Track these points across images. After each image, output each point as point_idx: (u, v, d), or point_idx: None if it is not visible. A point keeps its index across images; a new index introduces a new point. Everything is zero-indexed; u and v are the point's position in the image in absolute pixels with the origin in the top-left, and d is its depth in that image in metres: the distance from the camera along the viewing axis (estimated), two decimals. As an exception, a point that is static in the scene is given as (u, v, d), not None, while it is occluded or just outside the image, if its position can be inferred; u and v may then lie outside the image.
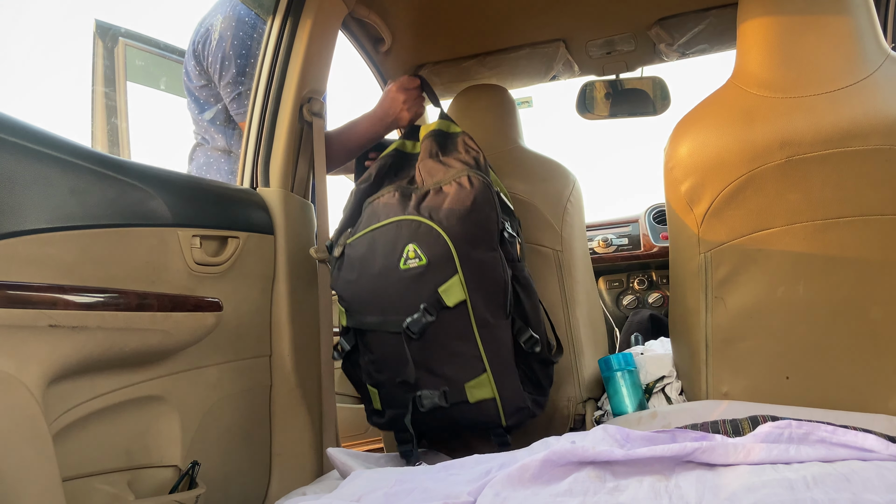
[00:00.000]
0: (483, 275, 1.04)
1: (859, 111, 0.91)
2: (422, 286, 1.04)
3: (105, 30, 1.87)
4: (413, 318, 1.04)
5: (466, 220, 1.03)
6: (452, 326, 1.04)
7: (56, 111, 2.91)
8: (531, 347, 1.08)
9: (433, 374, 1.07)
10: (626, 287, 2.37)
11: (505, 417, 1.06)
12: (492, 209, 1.05)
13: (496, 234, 1.05)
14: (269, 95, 1.30)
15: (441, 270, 1.03)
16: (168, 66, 2.06)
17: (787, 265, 0.98)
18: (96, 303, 0.85)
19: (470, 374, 1.05)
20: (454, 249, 1.02)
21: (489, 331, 1.05)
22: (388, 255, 1.07)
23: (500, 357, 1.06)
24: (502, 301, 1.05)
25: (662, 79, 1.98)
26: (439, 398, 1.06)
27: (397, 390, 1.11)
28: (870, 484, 0.64)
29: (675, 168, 1.04)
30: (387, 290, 1.08)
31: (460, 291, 1.03)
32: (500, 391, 1.05)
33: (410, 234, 1.06)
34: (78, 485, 0.89)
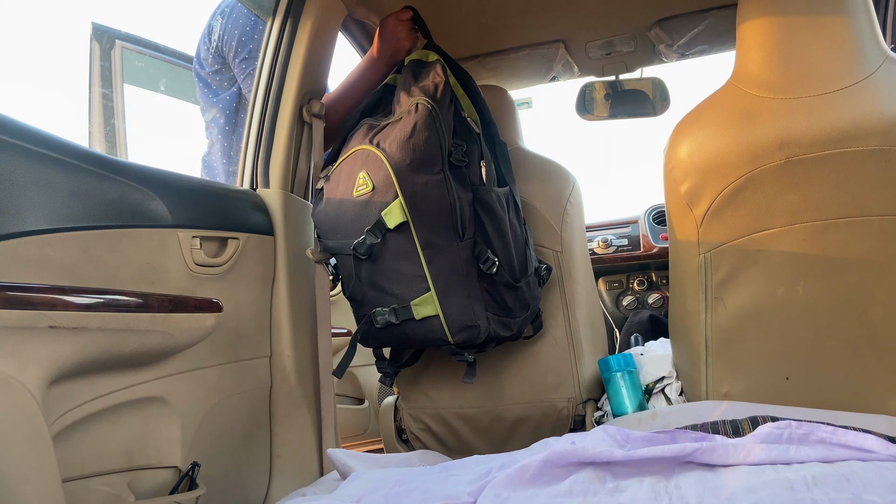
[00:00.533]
0: (425, 197, 1.07)
1: (858, 112, 0.91)
2: (369, 210, 1.10)
3: (101, 33, 1.88)
4: (359, 241, 1.11)
5: (405, 147, 1.07)
6: (398, 247, 1.10)
7: (54, 114, 2.91)
8: (488, 269, 1.12)
9: (384, 292, 1.13)
10: (625, 288, 2.37)
11: (451, 334, 1.11)
12: (432, 134, 1.07)
13: (439, 157, 1.08)
14: (269, 96, 1.31)
15: (384, 195, 1.08)
16: (165, 69, 2.06)
17: (787, 266, 0.98)
18: (96, 304, 0.85)
19: (415, 293, 1.11)
20: (394, 175, 1.07)
21: (435, 251, 1.09)
22: (345, 183, 1.15)
23: (446, 277, 1.10)
24: (449, 223, 1.09)
25: (662, 80, 1.98)
26: (390, 314, 1.12)
27: (360, 308, 1.19)
28: (870, 484, 0.64)
29: (675, 169, 1.04)
30: (344, 216, 1.15)
31: (400, 214, 1.08)
32: (444, 309, 1.10)
33: (362, 162, 1.12)
34: (78, 486, 0.89)
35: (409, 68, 1.21)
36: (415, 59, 1.22)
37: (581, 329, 1.34)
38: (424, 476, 0.82)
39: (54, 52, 3.26)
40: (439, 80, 1.13)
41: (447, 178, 1.08)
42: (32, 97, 2.88)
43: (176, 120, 2.14)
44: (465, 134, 1.16)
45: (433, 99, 1.10)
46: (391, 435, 1.45)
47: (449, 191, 1.08)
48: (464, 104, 1.20)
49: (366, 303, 1.16)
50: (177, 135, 2.20)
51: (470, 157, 1.13)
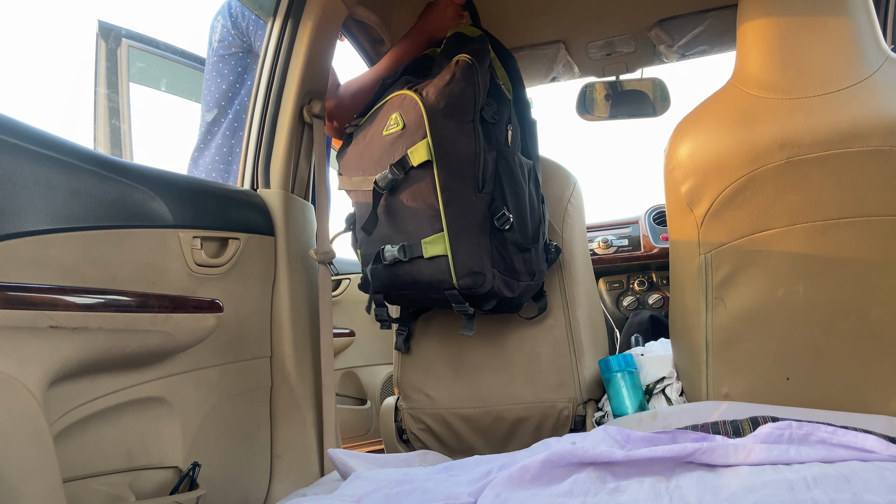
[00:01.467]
0: (452, 143, 1.10)
1: (859, 112, 0.91)
2: (396, 147, 1.13)
3: (108, 31, 1.87)
4: (382, 174, 1.13)
5: (442, 92, 1.10)
6: (419, 186, 1.12)
7: (59, 112, 2.92)
8: (502, 225, 1.13)
9: (397, 230, 1.16)
10: (626, 288, 2.37)
11: (456, 277, 1.11)
12: (469, 85, 1.11)
13: (472, 108, 1.11)
14: (270, 97, 1.31)
15: (413, 134, 1.11)
16: (171, 68, 2.06)
17: (788, 266, 0.98)
18: (97, 304, 0.85)
19: (428, 231, 1.12)
20: (426, 116, 1.09)
21: (453, 195, 1.11)
22: (378, 126, 1.18)
23: (461, 221, 1.11)
24: (470, 172, 1.11)
25: (662, 80, 1.98)
26: (399, 251, 1.14)
27: (369, 246, 1.20)
28: (870, 484, 0.64)
29: (675, 169, 1.04)
30: (370, 153, 1.17)
31: (426, 153, 1.09)
32: (454, 250, 1.11)
33: (398, 105, 1.16)
34: (79, 486, 0.89)
35: (453, 40, 1.26)
36: (459, 32, 1.27)
37: (582, 329, 1.34)
38: (425, 476, 0.82)
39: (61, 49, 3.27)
40: (480, 47, 1.19)
41: (476, 129, 1.12)
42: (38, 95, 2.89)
43: (181, 119, 2.14)
44: (497, 96, 1.20)
45: (474, 56, 1.14)
46: (391, 435, 1.45)
47: (476, 140, 1.11)
48: (500, 74, 1.25)
49: (377, 238, 1.18)
50: (182, 134, 2.20)
51: (499, 116, 1.17)
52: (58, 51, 3.26)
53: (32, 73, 2.98)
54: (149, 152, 2.03)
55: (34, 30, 2.93)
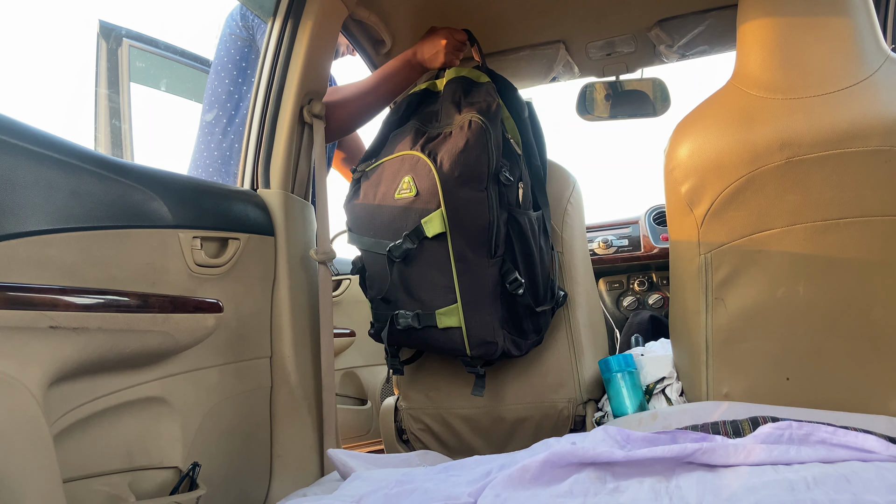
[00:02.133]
0: (467, 212, 1.10)
1: (859, 112, 0.91)
2: (408, 215, 1.13)
3: (108, 30, 1.87)
4: (396, 244, 1.13)
5: (457, 160, 1.09)
6: (432, 256, 1.12)
7: (59, 112, 2.92)
8: (515, 290, 1.14)
9: (411, 296, 1.16)
10: (626, 288, 2.37)
11: (469, 347, 1.13)
12: (483, 151, 1.10)
13: (485, 175, 1.10)
14: (270, 97, 1.31)
15: (427, 202, 1.11)
16: (173, 68, 2.06)
17: (788, 266, 0.98)
18: (97, 304, 0.85)
19: (442, 303, 1.13)
20: (440, 185, 1.09)
21: (467, 266, 1.11)
22: (388, 184, 1.17)
23: (474, 292, 1.12)
24: (484, 240, 1.11)
25: (662, 80, 1.98)
26: (413, 319, 1.16)
27: (382, 306, 1.23)
28: (870, 485, 0.64)
29: (675, 169, 1.04)
30: (381, 215, 1.18)
31: (440, 225, 1.09)
32: (468, 322, 1.12)
33: (410, 167, 1.14)
34: (79, 486, 0.89)
35: (458, 83, 1.24)
36: (465, 76, 1.25)
37: (581, 329, 1.34)
38: (425, 476, 0.82)
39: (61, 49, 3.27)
40: (491, 101, 1.17)
41: (489, 196, 1.11)
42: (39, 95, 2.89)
43: (183, 119, 2.14)
44: (508, 154, 1.19)
45: (485, 116, 1.12)
46: (391, 435, 1.45)
47: (490, 208, 1.10)
48: (508, 126, 1.24)
49: (391, 303, 1.19)
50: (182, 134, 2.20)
51: (513, 176, 1.16)
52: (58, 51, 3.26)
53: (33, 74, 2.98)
54: (150, 153, 2.03)
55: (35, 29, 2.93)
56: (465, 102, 1.19)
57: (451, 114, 1.19)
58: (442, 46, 1.36)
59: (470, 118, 1.12)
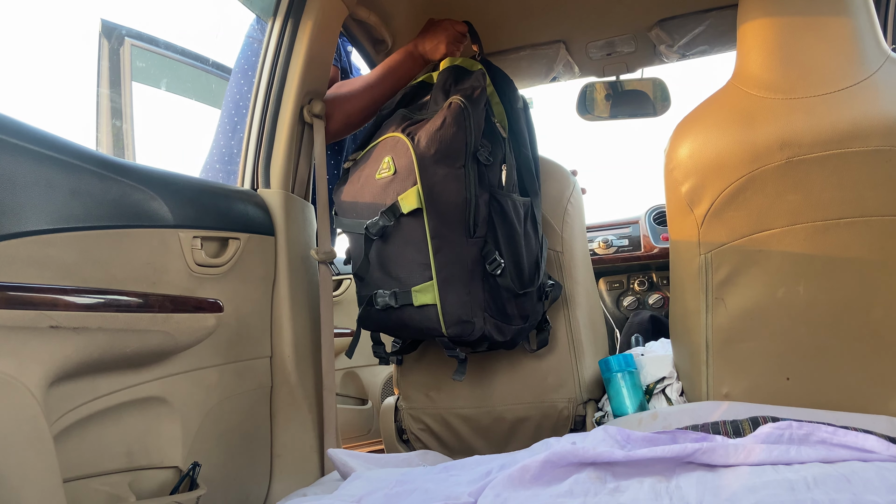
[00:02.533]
0: (443, 189, 1.10)
1: (859, 112, 0.91)
2: (387, 193, 1.13)
3: (111, 29, 1.87)
4: (372, 221, 1.14)
5: (433, 138, 1.10)
6: (409, 233, 1.12)
7: (61, 111, 2.91)
8: (493, 270, 1.13)
9: (389, 275, 1.16)
10: (626, 288, 2.37)
11: (445, 326, 1.11)
12: (459, 129, 1.10)
13: (462, 153, 1.10)
14: (270, 97, 1.31)
15: (404, 180, 1.11)
16: (174, 67, 2.05)
17: (788, 266, 0.98)
18: (97, 304, 0.85)
19: (418, 280, 1.12)
20: (416, 162, 1.09)
21: (443, 242, 1.11)
22: (371, 167, 1.19)
23: (450, 270, 1.11)
24: (461, 217, 1.11)
25: (662, 80, 1.98)
26: (390, 298, 1.15)
27: (363, 287, 1.22)
28: (870, 485, 0.64)
29: (676, 169, 1.04)
30: (363, 196, 1.18)
31: (416, 200, 1.09)
32: (443, 300, 1.11)
33: (391, 147, 1.16)
34: (79, 486, 0.89)
35: (451, 72, 1.24)
36: (459, 64, 1.26)
37: (581, 329, 1.34)
38: (425, 476, 0.82)
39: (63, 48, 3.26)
40: (477, 85, 1.17)
41: (467, 174, 1.11)
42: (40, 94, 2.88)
43: (185, 119, 2.13)
44: (491, 136, 1.19)
45: (468, 99, 1.13)
46: (391, 435, 1.45)
47: (466, 186, 1.10)
48: (496, 111, 1.24)
49: (370, 283, 1.19)
50: (185, 134, 2.20)
51: (494, 158, 1.16)
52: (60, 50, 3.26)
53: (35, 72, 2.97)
54: (151, 152, 2.02)
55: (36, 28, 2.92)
56: (454, 90, 1.19)
57: (439, 100, 1.19)
58: (442, 38, 1.37)
59: (451, 100, 1.13)
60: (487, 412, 1.35)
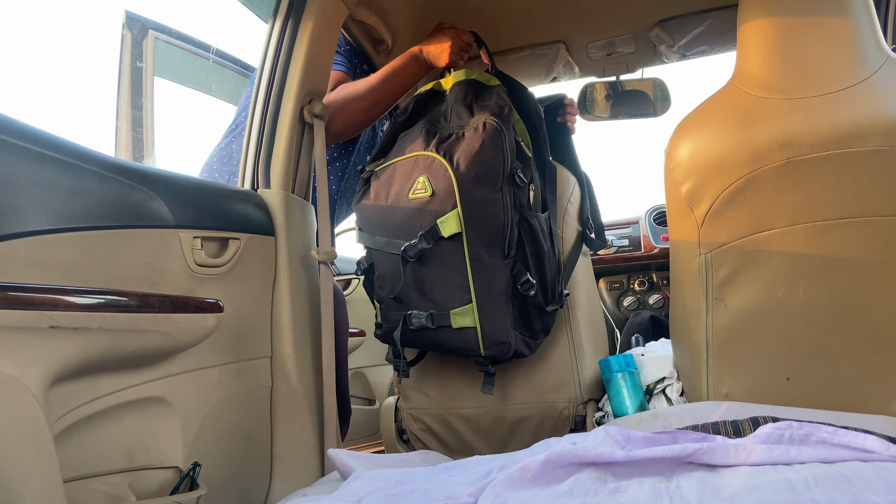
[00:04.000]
0: (482, 212, 1.10)
1: (860, 112, 0.91)
2: (424, 215, 1.13)
3: (134, 21, 1.84)
4: (411, 243, 1.13)
5: (473, 160, 1.10)
6: (447, 256, 1.12)
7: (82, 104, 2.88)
8: (526, 291, 1.14)
9: (425, 297, 1.16)
10: (626, 288, 2.37)
11: (484, 347, 1.13)
12: (498, 152, 1.11)
13: (500, 176, 1.11)
14: (270, 97, 1.31)
15: (443, 203, 1.11)
16: (197, 63, 2.03)
17: (788, 266, 0.98)
18: (97, 304, 0.85)
19: (457, 303, 1.13)
20: (456, 185, 1.09)
21: (482, 266, 1.11)
22: (401, 184, 1.17)
23: (488, 292, 1.12)
24: (498, 240, 1.12)
25: (663, 80, 1.98)
26: (426, 319, 1.16)
27: (393, 307, 1.22)
28: (871, 485, 0.64)
29: (676, 169, 1.04)
30: (395, 215, 1.17)
31: (456, 225, 1.10)
32: (482, 322, 1.12)
33: (425, 167, 1.15)
34: (79, 486, 0.89)
35: (468, 85, 1.24)
36: (475, 79, 1.25)
37: (582, 329, 1.34)
38: (425, 476, 0.82)
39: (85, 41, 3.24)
40: (504, 104, 1.17)
41: (504, 198, 1.11)
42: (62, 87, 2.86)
43: (205, 117, 2.12)
44: (521, 157, 1.19)
45: (500, 119, 1.13)
46: (392, 435, 1.45)
47: (504, 209, 1.11)
48: (518, 129, 1.24)
49: (404, 303, 1.19)
50: (204, 132, 2.18)
51: (526, 178, 1.17)
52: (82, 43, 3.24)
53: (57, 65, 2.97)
54: (170, 148, 1.99)
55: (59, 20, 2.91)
56: (476, 105, 1.19)
57: (462, 115, 1.19)
58: (447, 46, 1.37)
59: (484, 120, 1.13)
60: (487, 412, 1.35)
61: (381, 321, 1.28)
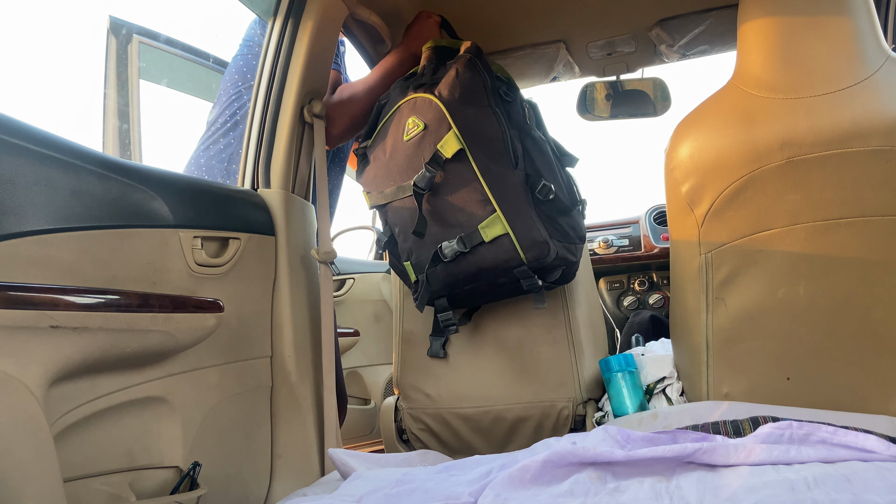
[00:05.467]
0: (477, 126, 1.12)
1: (860, 112, 0.91)
2: (423, 148, 1.14)
3: (119, 27, 1.86)
4: (419, 175, 1.13)
5: (453, 84, 1.13)
6: (458, 176, 1.13)
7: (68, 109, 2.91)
8: (546, 196, 1.14)
9: (449, 224, 1.15)
10: (626, 288, 2.37)
11: (523, 251, 1.11)
12: (475, 74, 1.14)
13: (484, 92, 1.14)
14: (270, 97, 1.31)
15: (438, 130, 1.13)
16: (182, 65, 2.04)
17: (788, 266, 0.98)
18: (97, 304, 0.85)
19: (481, 216, 1.12)
20: (445, 108, 1.11)
21: (494, 175, 1.12)
22: (395, 135, 1.19)
23: (509, 198, 1.12)
24: (502, 149, 1.13)
25: (663, 80, 1.98)
26: (458, 243, 1.13)
27: (422, 250, 1.20)
28: (871, 485, 0.64)
29: (676, 169, 1.04)
30: (396, 161, 1.18)
31: (456, 142, 1.11)
32: (513, 226, 1.11)
33: (410, 110, 1.17)
34: (79, 485, 0.89)
35: (438, 49, 1.27)
36: (441, 45, 1.29)
37: (581, 329, 1.34)
38: (425, 476, 0.82)
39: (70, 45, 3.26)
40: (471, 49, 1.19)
41: (495, 111, 1.13)
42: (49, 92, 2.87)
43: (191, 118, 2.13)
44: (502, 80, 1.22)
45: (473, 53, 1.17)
46: (391, 435, 1.45)
47: (499, 120, 1.13)
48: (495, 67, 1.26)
49: (429, 239, 1.18)
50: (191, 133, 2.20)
51: (513, 96, 1.19)
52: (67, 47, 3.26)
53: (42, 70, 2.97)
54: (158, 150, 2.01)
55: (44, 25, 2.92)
56: (449, 61, 1.21)
57: (437, 68, 1.22)
58: (423, 30, 1.43)
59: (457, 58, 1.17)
60: (487, 412, 1.35)
61: (414, 278, 1.24)
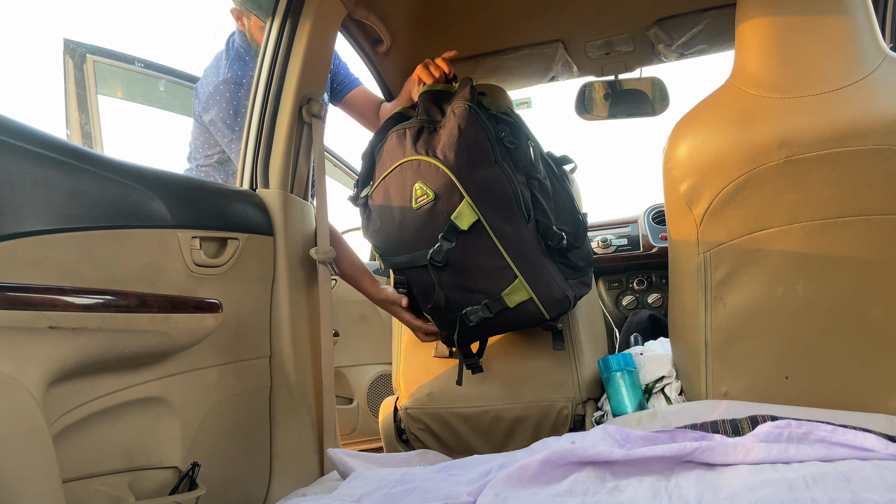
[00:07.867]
0: (489, 191, 1.10)
1: (858, 111, 0.91)
2: (436, 218, 1.12)
3: (73, 49, 1.91)
4: (434, 249, 1.13)
5: (459, 146, 1.09)
6: (475, 246, 1.12)
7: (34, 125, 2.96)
8: (558, 243, 1.15)
9: (471, 291, 1.15)
10: (625, 287, 2.37)
11: (546, 311, 1.14)
12: (479, 129, 1.11)
13: (490, 150, 1.11)
14: (269, 97, 1.31)
15: (449, 199, 1.10)
16: (138, 79, 2.09)
17: (786, 265, 0.98)
18: (96, 304, 0.85)
19: (503, 284, 1.13)
20: (454, 177, 1.09)
21: (510, 239, 1.12)
22: (401, 199, 1.17)
23: (527, 260, 1.13)
24: (515, 209, 1.12)
25: (661, 79, 1.98)
26: (483, 310, 1.15)
27: (444, 314, 1.21)
28: (869, 483, 0.64)
29: (674, 168, 1.04)
30: (407, 231, 1.17)
31: (471, 213, 1.10)
32: (535, 290, 1.12)
33: (414, 173, 1.14)
34: (78, 486, 0.89)
35: (434, 93, 1.24)
36: (440, 89, 1.26)
37: (580, 329, 1.34)
38: (424, 476, 0.82)
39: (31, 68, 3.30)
40: (468, 85, 1.17)
41: (503, 168, 1.12)
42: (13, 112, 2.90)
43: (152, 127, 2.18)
44: (502, 122, 1.20)
45: (469, 100, 1.14)
46: (391, 435, 1.45)
47: (508, 179, 1.11)
48: (486, 102, 1.24)
49: (452, 306, 1.18)
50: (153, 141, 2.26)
51: (517, 138, 1.17)
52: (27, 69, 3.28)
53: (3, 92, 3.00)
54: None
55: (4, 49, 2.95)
56: (445, 104, 1.20)
57: (432, 112, 1.19)
58: (416, 77, 1.36)
59: (453, 107, 1.14)
60: (486, 412, 1.35)
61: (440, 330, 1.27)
